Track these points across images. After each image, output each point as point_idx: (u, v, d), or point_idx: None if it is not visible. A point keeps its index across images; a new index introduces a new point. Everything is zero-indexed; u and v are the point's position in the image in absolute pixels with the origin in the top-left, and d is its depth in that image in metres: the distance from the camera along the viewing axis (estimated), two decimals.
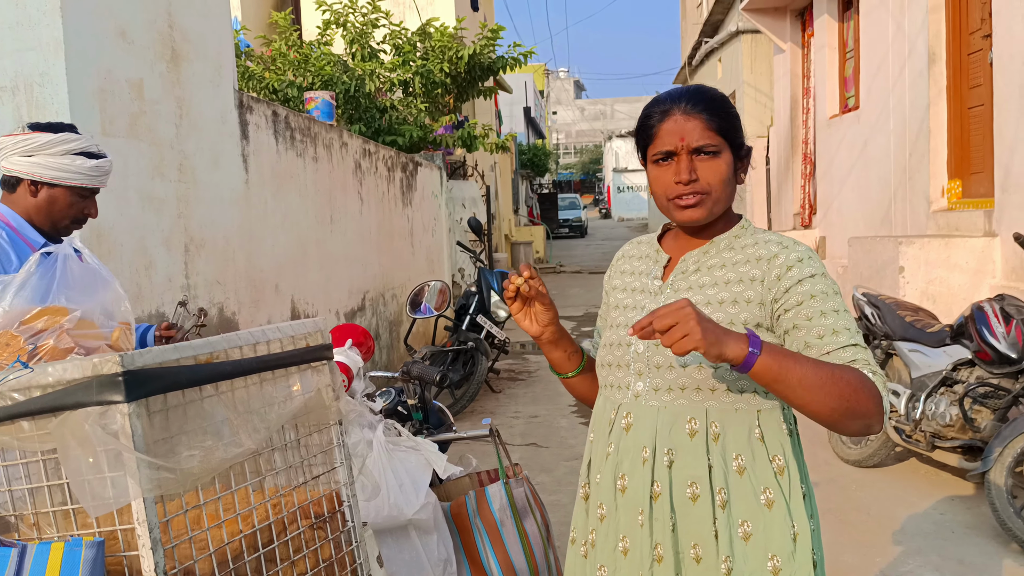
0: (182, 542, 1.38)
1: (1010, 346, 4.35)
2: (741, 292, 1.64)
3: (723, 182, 1.66)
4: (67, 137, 2.36)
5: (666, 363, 1.64)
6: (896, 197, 7.75)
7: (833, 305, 1.59)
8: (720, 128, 1.65)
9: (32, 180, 2.36)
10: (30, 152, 2.33)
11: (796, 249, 1.65)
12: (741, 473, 1.61)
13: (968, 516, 4.50)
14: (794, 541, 1.60)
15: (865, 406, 1.51)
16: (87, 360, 1.29)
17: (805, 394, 1.49)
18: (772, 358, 1.47)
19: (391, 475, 2.28)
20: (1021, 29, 5.61)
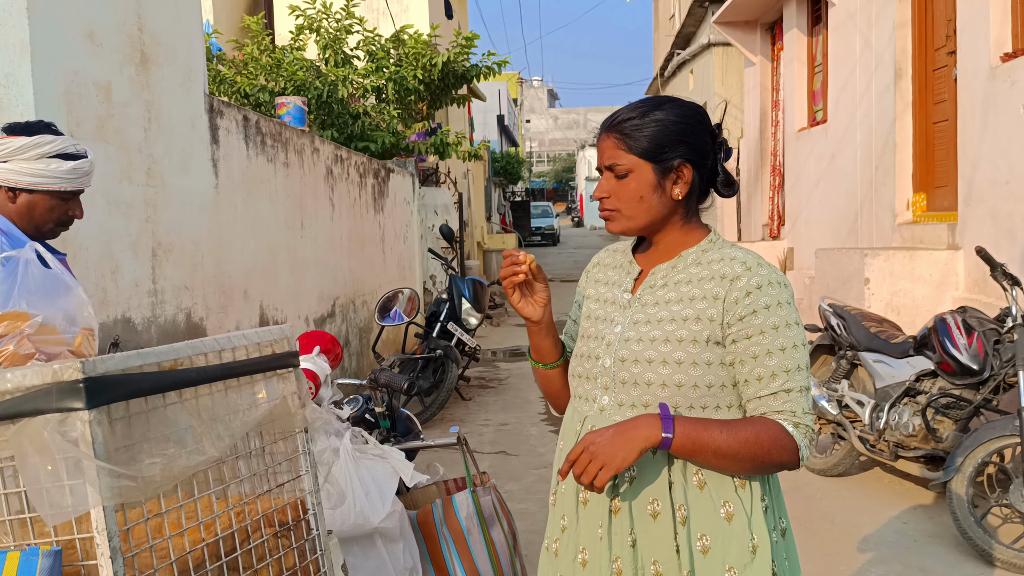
0: (143, 551, 1.36)
1: (972, 357, 4.42)
2: (704, 310, 1.64)
3: (633, 200, 1.67)
4: (41, 140, 2.30)
5: (631, 379, 1.67)
6: (862, 209, 7.85)
7: (781, 342, 1.60)
8: (632, 147, 1.66)
9: (9, 187, 2.31)
10: (4, 158, 2.28)
11: (758, 273, 1.64)
12: (701, 488, 1.63)
13: (930, 525, 4.57)
14: (753, 553, 1.62)
15: (778, 461, 1.59)
16: (47, 366, 1.27)
17: (720, 463, 1.59)
18: (685, 441, 1.56)
19: (357, 483, 2.28)
20: (985, 46, 5.72)
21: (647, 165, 1.66)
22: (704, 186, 1.72)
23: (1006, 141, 5.47)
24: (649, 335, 1.66)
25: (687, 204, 1.71)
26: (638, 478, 1.65)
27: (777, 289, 1.62)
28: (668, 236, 1.73)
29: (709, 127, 1.72)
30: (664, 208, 1.69)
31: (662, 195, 1.67)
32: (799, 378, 1.61)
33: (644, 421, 1.57)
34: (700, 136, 1.69)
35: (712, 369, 1.63)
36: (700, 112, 1.72)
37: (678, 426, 1.55)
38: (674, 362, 1.63)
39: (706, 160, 1.70)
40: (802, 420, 1.60)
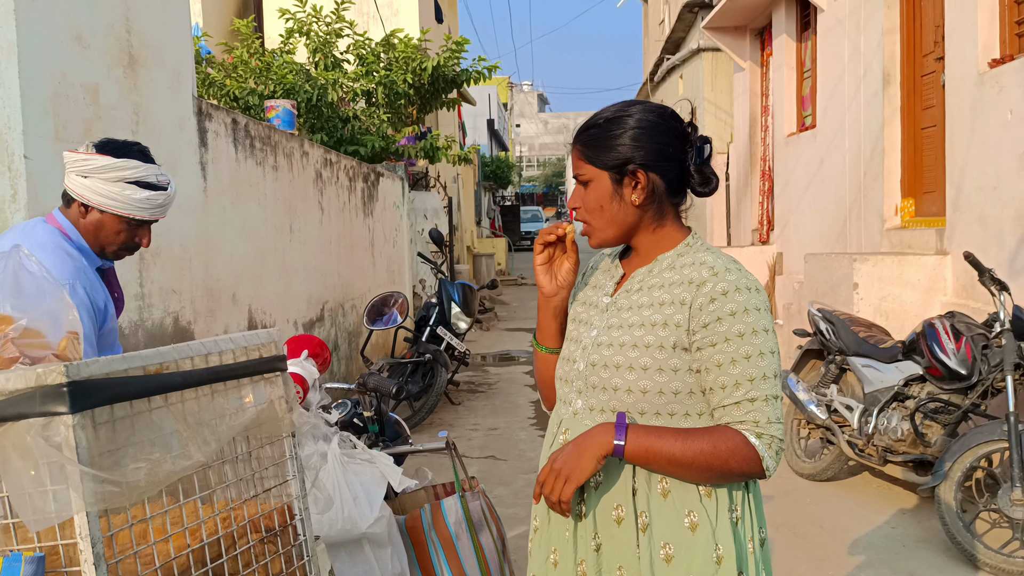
0: (127, 557, 1.35)
1: (960, 362, 4.43)
2: (672, 315, 1.63)
3: (595, 210, 1.69)
4: (125, 164, 2.30)
5: (601, 384, 1.67)
6: (851, 215, 7.88)
7: (746, 350, 1.58)
8: (590, 157, 1.69)
9: (82, 202, 2.33)
10: (85, 173, 2.29)
11: (725, 278, 1.61)
12: (665, 496, 1.63)
13: (918, 530, 4.57)
14: (718, 564, 1.61)
15: (738, 471, 1.58)
16: (31, 370, 1.26)
17: (677, 471, 1.59)
18: (638, 449, 1.57)
19: (345, 488, 2.26)
20: (972, 52, 5.75)
21: (604, 174, 1.67)
22: (678, 187, 1.70)
23: (994, 147, 5.49)
24: (619, 340, 1.66)
25: (656, 208, 1.69)
26: (604, 484, 1.66)
27: (745, 295, 1.60)
28: (643, 241, 1.72)
29: (676, 129, 1.70)
30: (628, 215, 1.68)
31: (622, 203, 1.68)
32: (764, 387, 1.58)
33: (600, 429, 1.59)
34: (661, 140, 1.67)
35: (679, 376, 1.62)
36: (663, 115, 1.70)
37: (630, 434, 1.57)
38: (640, 368, 1.63)
39: (670, 163, 1.67)
40: (766, 430, 1.57)
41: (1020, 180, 5.21)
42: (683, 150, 1.68)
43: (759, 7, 10.41)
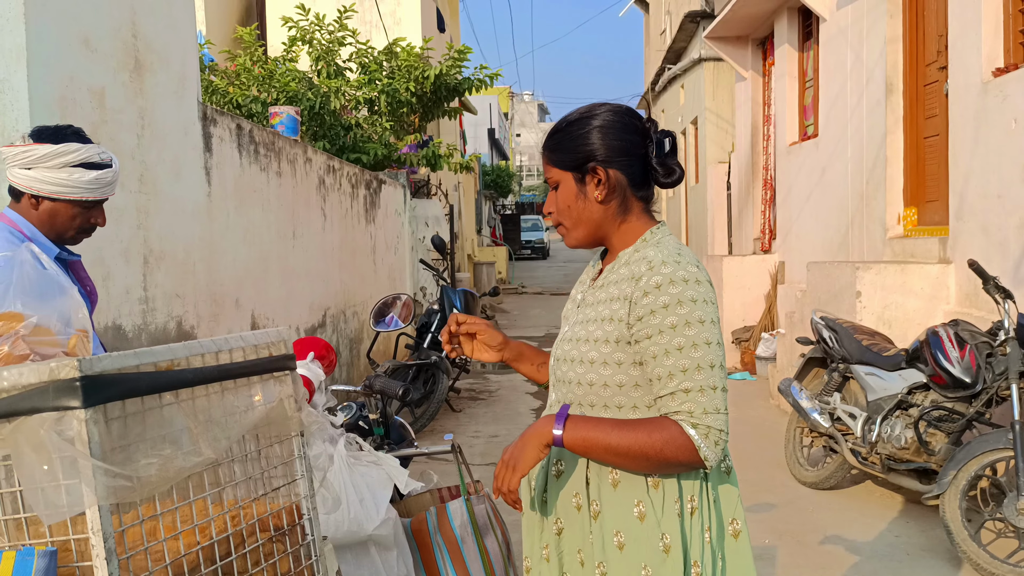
0: (137, 553, 1.34)
1: (964, 370, 4.43)
2: (617, 310, 1.68)
3: (564, 210, 1.76)
4: (66, 149, 2.27)
5: (563, 378, 1.77)
6: (853, 223, 7.88)
7: (679, 342, 1.61)
8: (555, 160, 1.76)
9: (32, 195, 2.30)
10: (28, 165, 2.27)
11: (660, 271, 1.64)
12: (615, 486, 1.70)
13: (923, 539, 4.56)
14: (665, 552, 1.66)
15: (674, 459, 1.61)
16: (44, 365, 1.26)
17: (616, 460, 1.65)
18: (575, 437, 1.64)
19: (352, 490, 2.26)
20: (975, 61, 5.76)
21: (568, 175, 1.74)
22: (642, 181, 1.75)
23: (997, 155, 5.50)
24: (578, 335, 1.74)
25: (620, 203, 1.74)
26: (564, 473, 1.76)
27: (679, 287, 1.62)
28: (613, 238, 1.78)
29: (636, 126, 1.74)
30: (593, 212, 1.74)
31: (586, 200, 1.74)
32: (699, 377, 1.61)
33: (543, 421, 1.69)
34: (620, 136, 1.72)
35: (623, 369, 1.67)
36: (625, 114, 1.76)
37: (569, 424, 1.64)
38: (588, 361, 1.70)
39: (630, 158, 1.72)
40: (701, 420, 1.60)
41: None
42: (644, 145, 1.73)
43: (761, 17, 10.44)
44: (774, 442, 6.35)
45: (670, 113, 17.48)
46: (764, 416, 7.49)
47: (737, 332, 9.90)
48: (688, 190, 15.71)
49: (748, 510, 4.98)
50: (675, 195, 17.49)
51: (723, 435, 1.62)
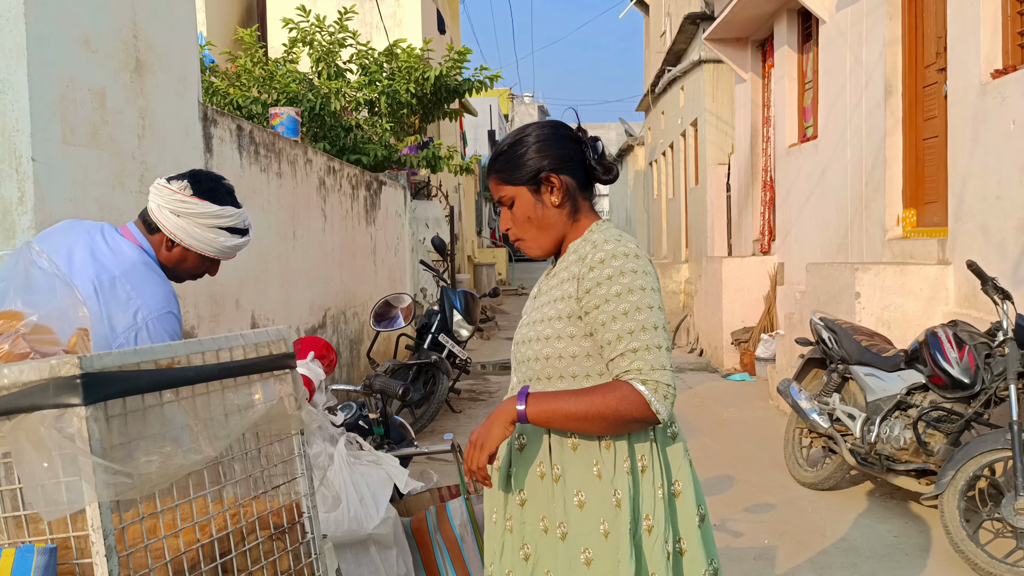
0: (137, 550, 1.35)
1: (963, 371, 4.43)
2: (567, 289, 1.86)
3: (524, 223, 1.92)
4: (222, 212, 2.32)
5: (522, 358, 1.93)
6: (853, 225, 7.89)
7: (624, 307, 1.78)
8: (507, 179, 1.92)
9: (170, 238, 2.33)
10: (179, 212, 2.29)
11: (603, 248, 1.82)
12: (575, 449, 1.85)
13: (922, 539, 4.56)
14: (617, 507, 1.81)
15: (629, 416, 1.75)
16: (44, 362, 1.27)
17: (578, 425, 1.78)
18: (537, 411, 1.78)
19: (352, 488, 2.26)
20: (974, 63, 5.77)
21: (523, 188, 1.91)
22: (586, 182, 1.94)
23: (996, 157, 5.50)
24: (532, 318, 1.92)
25: (572, 205, 1.92)
26: (527, 446, 1.91)
27: (620, 260, 1.80)
28: (567, 237, 1.95)
29: (570, 135, 1.94)
30: (552, 216, 1.91)
31: (544, 207, 1.91)
32: (644, 337, 1.76)
33: (506, 401, 1.83)
34: (561, 146, 1.91)
35: (576, 341, 1.84)
36: (555, 126, 1.96)
37: (531, 400, 1.79)
38: (543, 338, 1.86)
39: (573, 163, 1.91)
40: (649, 376, 1.74)
41: (1023, 190, 5.22)
42: (581, 151, 1.93)
43: (760, 19, 10.45)
44: (773, 443, 6.35)
45: (670, 115, 17.48)
46: (763, 417, 7.49)
47: (736, 333, 9.91)
48: (688, 191, 15.71)
49: (747, 510, 5.02)
50: (675, 197, 17.50)
51: (671, 390, 1.76)
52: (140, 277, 2.24)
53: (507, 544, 1.91)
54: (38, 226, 3.15)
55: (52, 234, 2.39)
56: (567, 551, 1.82)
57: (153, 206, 2.33)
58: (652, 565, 1.81)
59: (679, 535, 1.88)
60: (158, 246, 2.35)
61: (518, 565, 1.89)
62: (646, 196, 22.94)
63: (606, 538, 1.80)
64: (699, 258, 13.39)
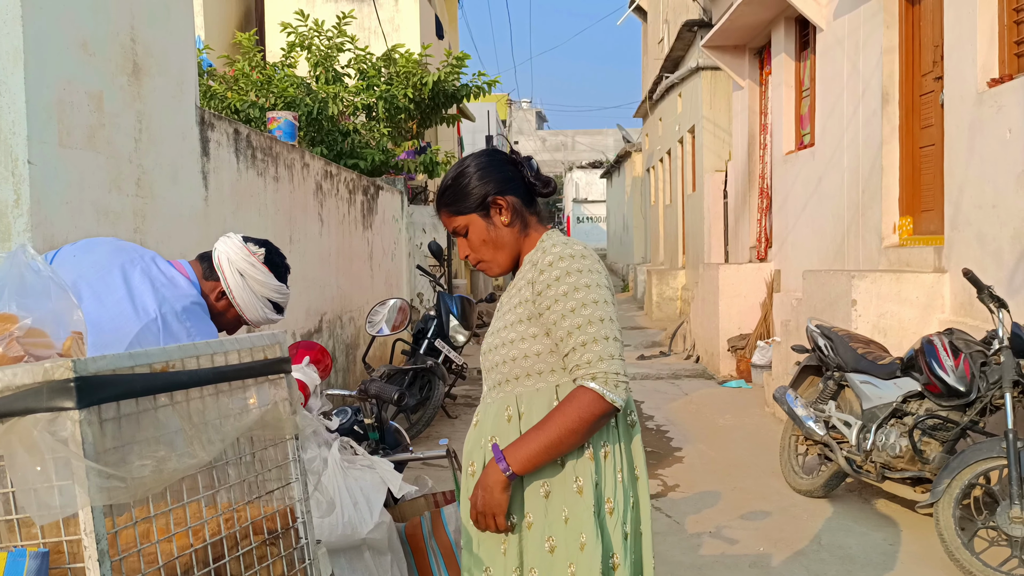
0: (130, 555, 1.34)
1: (958, 379, 4.43)
2: (524, 293, 1.98)
3: (481, 246, 2.06)
4: (280, 288, 2.53)
5: (490, 365, 2.04)
6: (849, 232, 7.90)
7: (571, 305, 1.89)
8: (457, 210, 2.06)
9: (224, 290, 2.45)
10: (244, 272, 2.45)
11: (551, 251, 1.95)
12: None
13: (917, 547, 4.56)
14: (579, 493, 1.91)
15: (593, 416, 1.86)
16: (38, 365, 1.26)
17: (559, 450, 1.88)
18: (520, 461, 1.87)
19: (346, 493, 2.25)
20: (971, 72, 5.78)
21: (474, 215, 2.04)
22: (528, 199, 2.07)
23: (992, 165, 5.52)
24: (496, 327, 2.04)
25: (520, 222, 2.06)
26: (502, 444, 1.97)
27: (567, 261, 1.92)
28: (522, 251, 2.08)
29: (505, 158, 2.09)
30: (504, 235, 2.05)
31: (496, 228, 2.04)
32: (591, 330, 1.87)
33: (489, 469, 1.90)
34: (500, 170, 2.06)
35: (537, 340, 1.95)
36: (491, 153, 2.10)
37: (508, 456, 1.88)
38: (508, 342, 1.98)
39: (514, 183, 2.05)
40: (597, 368, 1.86)
41: (1019, 198, 5.23)
42: (518, 171, 2.08)
43: (758, 26, 10.47)
44: (769, 450, 6.35)
45: (667, 121, 17.51)
46: (759, 424, 7.49)
47: (733, 340, 9.91)
48: (685, 198, 15.73)
49: (743, 517, 5.01)
50: (672, 203, 17.52)
51: (620, 377, 1.87)
52: (198, 318, 2.35)
53: (483, 540, 1.99)
54: (33, 229, 3.15)
55: (96, 247, 2.44)
56: (533, 542, 1.93)
57: (222, 257, 2.45)
58: (614, 547, 1.93)
59: (640, 517, 2.01)
60: (210, 292, 2.46)
61: (497, 559, 1.97)
62: (643, 202, 22.96)
63: (566, 524, 1.91)
64: (696, 264, 13.40)
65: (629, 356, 11.82)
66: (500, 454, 1.89)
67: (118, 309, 2.22)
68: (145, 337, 2.20)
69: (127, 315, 2.22)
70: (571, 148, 69.75)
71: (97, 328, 2.12)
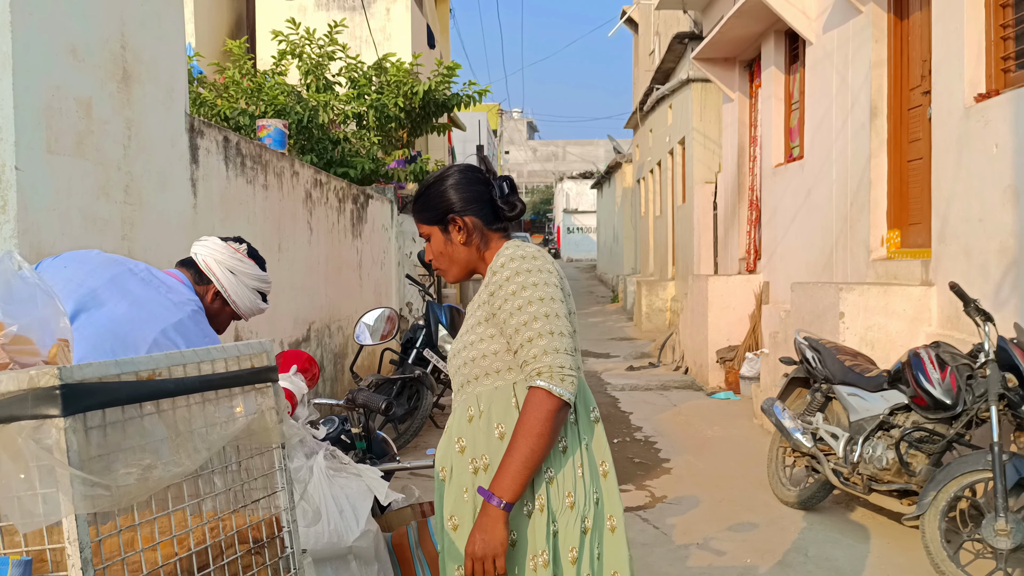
0: (114, 564, 1.34)
1: (945, 392, 4.45)
2: (481, 297, 2.07)
3: (439, 255, 2.15)
4: (264, 277, 2.62)
5: (455, 370, 2.11)
6: (838, 245, 7.94)
7: (518, 303, 1.96)
8: (422, 220, 2.16)
9: (217, 290, 2.51)
10: (234, 270, 2.52)
11: (503, 254, 2.04)
12: (502, 439, 2.00)
13: (903, 559, 4.57)
14: (549, 483, 1.97)
15: (550, 416, 1.89)
16: (23, 372, 1.25)
17: (537, 457, 1.90)
18: (506, 488, 1.89)
19: (331, 501, 2.25)
20: (959, 87, 5.83)
21: (435, 228, 2.14)
22: (493, 218, 2.13)
23: (980, 180, 5.56)
24: (462, 331, 2.12)
25: (480, 239, 2.13)
26: (467, 447, 2.04)
27: (517, 262, 2.00)
28: (481, 264, 2.15)
29: (479, 178, 2.15)
30: (460, 252, 2.13)
31: (453, 244, 2.13)
32: (536, 326, 1.93)
33: (484, 512, 1.90)
34: (468, 188, 2.12)
35: (495, 340, 2.02)
36: (465, 170, 2.17)
37: (495, 490, 1.90)
38: (469, 344, 2.06)
39: (480, 203, 2.11)
40: (543, 363, 1.91)
41: (1005, 213, 5.27)
42: (488, 191, 2.14)
43: (748, 39, 10.53)
44: (757, 461, 6.36)
45: (658, 132, 17.57)
46: (747, 435, 7.50)
47: (722, 351, 9.93)
48: (675, 209, 15.78)
49: (730, 529, 5.01)
50: (662, 214, 17.56)
51: (566, 370, 1.91)
52: (204, 326, 2.42)
53: (459, 545, 2.02)
54: (20, 235, 3.13)
55: (87, 259, 2.48)
56: None
57: (209, 260, 2.51)
58: (571, 540, 1.95)
59: (608, 512, 2.04)
60: (204, 295, 2.52)
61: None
62: (633, 213, 23.02)
63: (530, 518, 1.96)
64: (685, 276, 13.43)
65: (618, 367, 11.83)
66: (487, 492, 1.91)
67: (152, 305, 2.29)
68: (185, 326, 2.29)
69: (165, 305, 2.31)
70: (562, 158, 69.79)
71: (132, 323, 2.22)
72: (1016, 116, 5.18)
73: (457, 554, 2.02)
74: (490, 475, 1.97)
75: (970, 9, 5.71)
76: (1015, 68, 5.46)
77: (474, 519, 1.98)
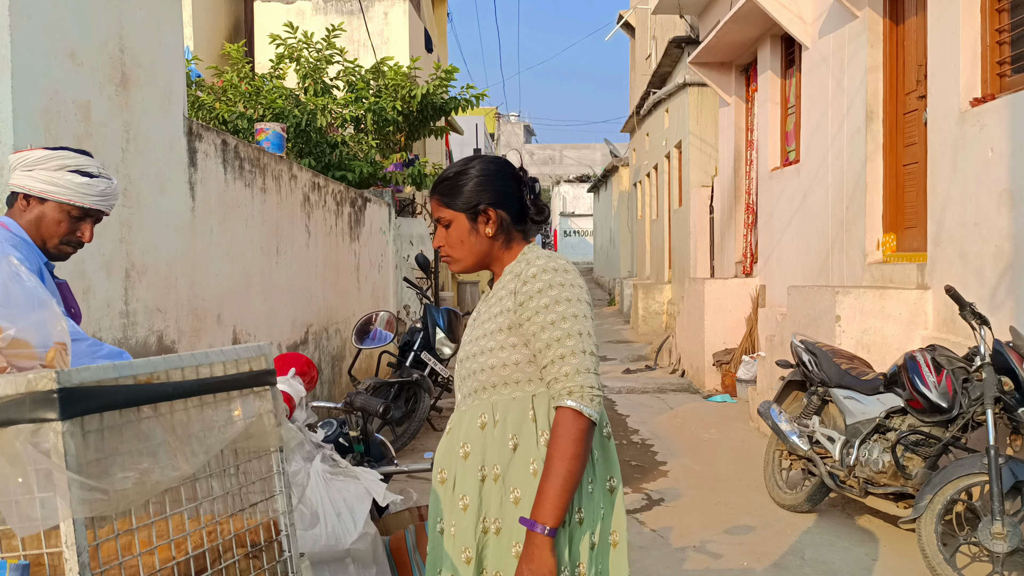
0: (111, 567, 1.34)
1: (941, 395, 4.46)
2: (505, 304, 2.01)
3: (457, 244, 2.07)
4: (63, 154, 2.39)
5: (466, 374, 2.06)
6: (833, 248, 7.95)
7: (551, 318, 1.93)
8: (448, 203, 2.07)
9: (25, 194, 2.38)
10: (29, 167, 2.36)
11: (535, 264, 1.99)
12: (515, 450, 1.97)
13: (899, 562, 4.58)
14: (534, 476, 1.92)
15: (579, 434, 1.87)
16: (21, 376, 1.26)
17: (575, 480, 1.87)
18: (547, 513, 1.85)
19: (329, 504, 2.25)
20: (955, 91, 5.85)
21: (461, 215, 2.06)
22: (520, 218, 2.08)
23: (975, 184, 5.57)
24: (474, 335, 2.06)
25: (504, 236, 2.07)
26: (471, 453, 2.00)
27: (549, 274, 1.96)
28: (497, 262, 2.10)
29: (512, 174, 2.10)
30: (483, 245, 2.07)
31: (478, 235, 2.06)
32: (569, 344, 1.91)
33: (530, 541, 1.85)
34: (502, 183, 2.07)
35: (517, 349, 1.98)
36: (502, 164, 2.11)
37: (538, 517, 1.85)
38: (487, 350, 2.01)
39: (511, 200, 2.07)
40: (574, 382, 1.89)
41: (1000, 216, 5.29)
42: (520, 189, 2.09)
43: (744, 44, 10.56)
44: (753, 464, 6.36)
45: (654, 136, 17.59)
46: (744, 438, 7.51)
47: (718, 355, 9.94)
48: (672, 213, 15.79)
49: (727, 532, 5.02)
50: (659, 218, 17.58)
51: (594, 390, 1.90)
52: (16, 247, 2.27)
53: (448, 550, 2.00)
54: None
55: None
56: (499, 545, 1.95)
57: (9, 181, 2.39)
58: (579, 556, 1.94)
59: (612, 528, 2.02)
60: (18, 214, 2.39)
61: (461, 568, 1.98)
62: (630, 217, 23.03)
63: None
64: (682, 279, 13.44)
65: (615, 370, 11.83)
66: (530, 522, 1.87)
67: None
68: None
69: None
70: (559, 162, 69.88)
71: None
72: (1011, 120, 5.20)
73: (442, 557, 2.01)
74: (500, 486, 1.95)
75: (966, 14, 5.73)
76: (1011, 72, 5.48)
77: (466, 525, 1.96)
